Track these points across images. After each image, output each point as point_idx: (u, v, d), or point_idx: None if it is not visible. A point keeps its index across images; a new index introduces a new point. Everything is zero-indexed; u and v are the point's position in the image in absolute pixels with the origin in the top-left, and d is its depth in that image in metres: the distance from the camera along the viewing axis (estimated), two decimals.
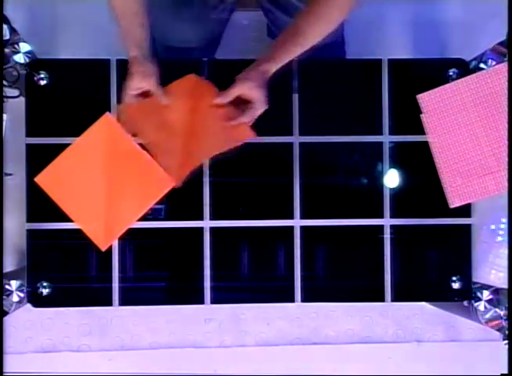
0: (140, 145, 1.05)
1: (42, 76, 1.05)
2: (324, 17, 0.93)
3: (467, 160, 1.07)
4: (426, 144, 1.08)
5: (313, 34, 0.94)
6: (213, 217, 1.07)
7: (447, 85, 1.06)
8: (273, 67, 0.96)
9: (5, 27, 1.00)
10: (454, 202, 1.07)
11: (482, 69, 1.06)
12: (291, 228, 1.07)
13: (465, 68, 1.08)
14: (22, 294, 1.04)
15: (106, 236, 1.05)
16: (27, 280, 1.05)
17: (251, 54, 1.39)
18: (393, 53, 1.15)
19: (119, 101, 1.06)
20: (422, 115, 1.07)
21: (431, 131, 1.07)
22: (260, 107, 0.97)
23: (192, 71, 1.02)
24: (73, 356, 1.42)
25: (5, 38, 1.01)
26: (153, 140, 1.03)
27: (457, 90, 1.06)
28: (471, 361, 1.45)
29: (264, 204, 1.07)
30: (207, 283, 1.07)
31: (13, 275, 1.06)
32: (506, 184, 1.06)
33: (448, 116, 1.06)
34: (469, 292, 1.08)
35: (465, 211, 1.09)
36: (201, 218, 1.07)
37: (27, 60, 1.05)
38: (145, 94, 0.99)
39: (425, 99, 1.07)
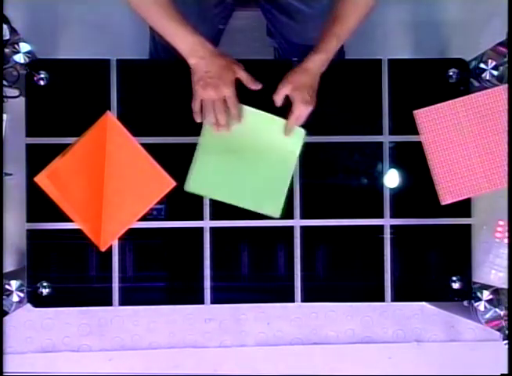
0: (141, 145, 1.05)
1: (42, 76, 1.05)
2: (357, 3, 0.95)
3: (459, 158, 1.08)
4: None
5: (351, 18, 0.95)
6: (213, 217, 1.07)
7: (444, 103, 1.07)
8: (317, 60, 0.96)
9: (5, 27, 1.00)
10: (445, 199, 1.08)
11: (482, 69, 1.06)
12: (291, 228, 1.07)
13: (465, 68, 1.08)
14: (22, 294, 1.04)
15: (105, 236, 1.05)
16: (27, 280, 1.05)
17: (251, 54, 1.40)
18: (393, 53, 1.15)
19: (120, 101, 1.06)
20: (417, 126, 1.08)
21: (427, 145, 1.07)
22: (299, 108, 0.97)
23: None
24: (73, 356, 1.42)
25: (5, 38, 1.01)
26: (79, 205, 1.03)
27: (454, 109, 1.07)
28: (471, 361, 1.45)
29: None
30: (207, 283, 1.07)
31: (13, 275, 1.05)
32: (498, 182, 1.07)
33: (443, 134, 1.07)
34: (469, 292, 1.08)
35: (465, 211, 1.09)
36: (201, 218, 1.07)
37: (27, 60, 1.04)
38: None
39: (421, 115, 1.07)
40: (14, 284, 1.04)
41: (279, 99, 0.98)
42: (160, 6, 0.92)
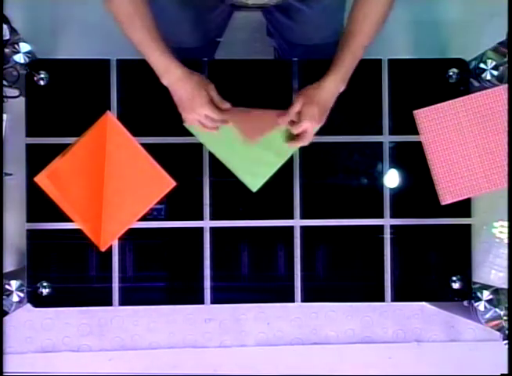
0: (141, 145, 1.05)
1: (42, 76, 1.05)
2: (370, 14, 0.94)
3: (459, 158, 1.08)
4: None
5: (364, 33, 0.95)
6: (213, 217, 1.07)
7: (444, 103, 1.07)
8: (332, 80, 0.95)
9: (5, 27, 1.00)
10: (445, 199, 1.08)
11: (482, 69, 1.06)
12: (291, 228, 1.07)
13: (465, 68, 1.08)
14: (22, 294, 1.04)
15: (105, 236, 1.05)
16: (27, 280, 1.05)
17: (251, 54, 1.40)
18: (393, 53, 1.15)
19: (120, 101, 1.06)
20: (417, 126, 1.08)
21: (427, 145, 1.08)
22: (304, 124, 0.95)
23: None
24: (73, 356, 1.42)
25: (5, 38, 1.01)
26: (79, 205, 1.03)
27: (454, 109, 1.07)
28: (471, 361, 1.45)
29: (264, 204, 1.07)
30: (207, 283, 1.07)
31: (13, 275, 1.06)
32: (498, 182, 1.07)
33: (443, 134, 1.07)
34: (469, 292, 1.08)
35: (465, 211, 1.09)
36: (201, 218, 1.07)
37: (27, 60, 1.05)
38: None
39: (421, 115, 1.07)
40: (14, 284, 1.04)
41: (292, 114, 0.97)
42: (143, 22, 0.92)
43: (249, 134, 1.03)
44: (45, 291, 1.05)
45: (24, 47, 1.04)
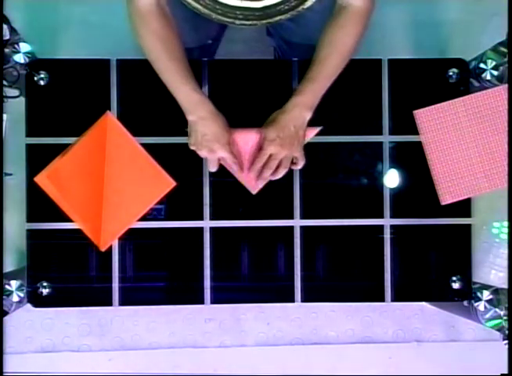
0: (141, 145, 1.05)
1: (42, 76, 1.05)
2: (338, 46, 0.94)
3: (459, 158, 1.08)
4: None
5: (331, 63, 0.94)
6: (213, 217, 1.07)
7: (444, 103, 1.07)
8: (297, 104, 0.94)
9: (5, 27, 1.00)
10: (445, 199, 1.08)
11: (482, 69, 1.06)
12: (291, 228, 1.07)
13: (465, 68, 1.08)
14: (22, 294, 1.04)
15: (105, 236, 1.05)
16: (27, 280, 1.05)
17: (251, 54, 1.40)
18: (393, 53, 1.15)
19: (120, 101, 1.06)
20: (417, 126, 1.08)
21: (427, 145, 1.08)
22: (268, 147, 0.96)
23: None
24: (73, 356, 1.41)
25: (5, 38, 1.01)
26: (79, 205, 1.03)
27: (454, 109, 1.07)
28: (471, 361, 1.44)
29: (264, 204, 1.07)
30: (207, 283, 1.07)
31: (13, 275, 1.06)
32: (498, 182, 1.07)
33: (443, 134, 1.07)
34: (469, 292, 1.08)
35: (465, 211, 1.09)
36: (201, 218, 1.07)
37: (27, 60, 1.05)
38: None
39: (421, 115, 1.07)
40: (14, 284, 1.04)
41: (262, 162, 0.98)
42: (170, 55, 0.92)
43: (251, 185, 1.05)
44: (45, 291, 1.05)
45: (24, 47, 1.04)
